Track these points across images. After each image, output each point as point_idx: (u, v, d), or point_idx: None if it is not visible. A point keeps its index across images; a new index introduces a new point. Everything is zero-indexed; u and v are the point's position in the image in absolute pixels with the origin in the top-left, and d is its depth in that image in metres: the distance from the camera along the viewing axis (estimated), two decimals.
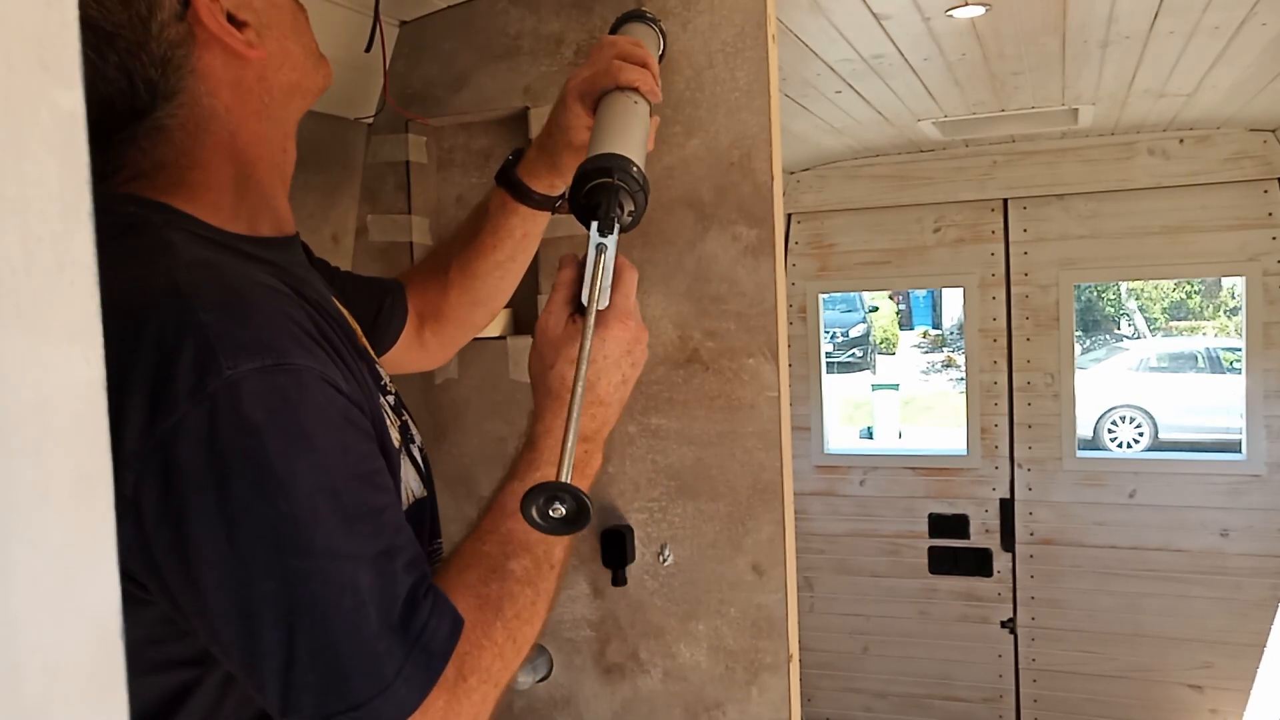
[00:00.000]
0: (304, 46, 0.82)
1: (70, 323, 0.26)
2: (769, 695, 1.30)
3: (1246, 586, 3.01)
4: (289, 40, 0.79)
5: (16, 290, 0.25)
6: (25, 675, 0.25)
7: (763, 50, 1.26)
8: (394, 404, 0.83)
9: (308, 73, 0.82)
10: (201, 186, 0.73)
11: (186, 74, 0.72)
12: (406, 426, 0.83)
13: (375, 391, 0.75)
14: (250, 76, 0.75)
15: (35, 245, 0.25)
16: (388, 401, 0.81)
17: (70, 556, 0.26)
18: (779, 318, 1.28)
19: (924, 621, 3.39)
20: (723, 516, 1.32)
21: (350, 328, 0.82)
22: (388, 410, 0.78)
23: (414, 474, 0.80)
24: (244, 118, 0.75)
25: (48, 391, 0.26)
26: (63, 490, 0.26)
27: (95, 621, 0.27)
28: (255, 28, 0.75)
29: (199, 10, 0.71)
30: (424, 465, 0.85)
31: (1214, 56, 2.08)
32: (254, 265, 0.71)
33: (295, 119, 0.83)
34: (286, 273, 0.74)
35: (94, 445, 0.27)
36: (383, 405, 0.76)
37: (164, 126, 0.72)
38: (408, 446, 0.80)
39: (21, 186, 0.25)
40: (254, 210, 0.77)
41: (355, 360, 0.73)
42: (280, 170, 0.81)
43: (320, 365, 0.64)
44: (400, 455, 0.76)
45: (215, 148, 0.74)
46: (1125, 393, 10.83)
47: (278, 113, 0.79)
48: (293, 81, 0.80)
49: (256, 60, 0.75)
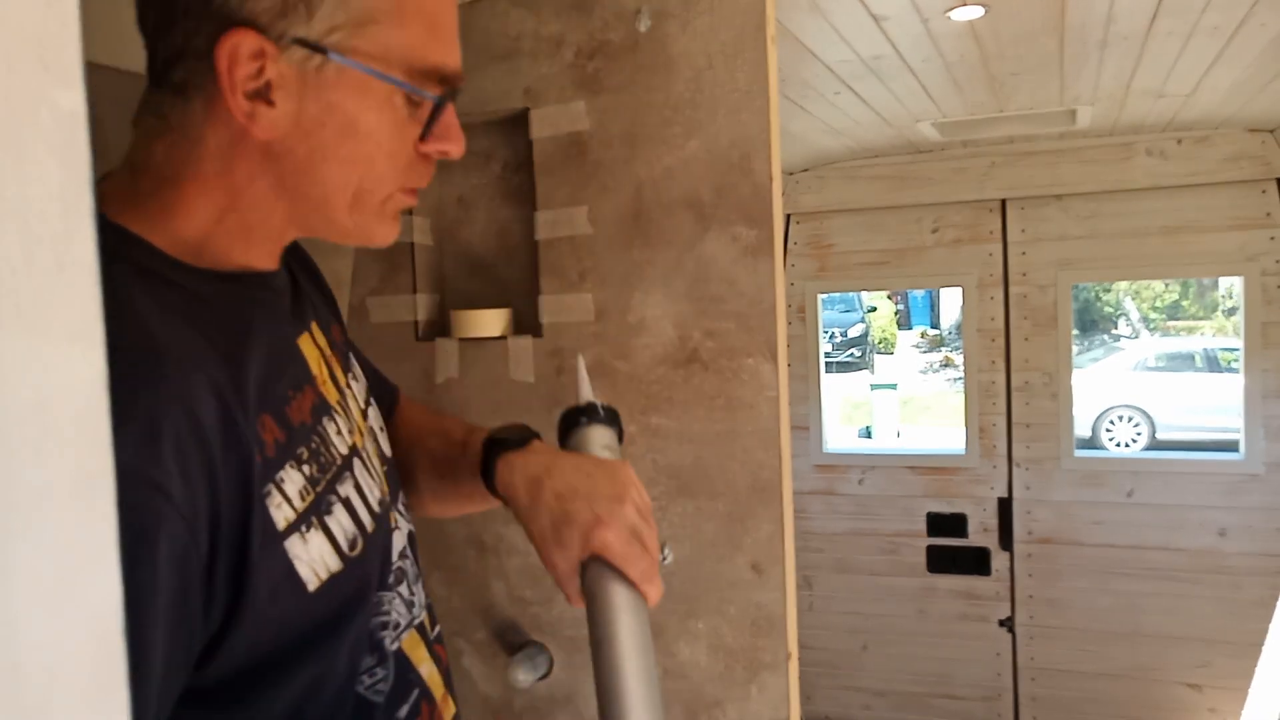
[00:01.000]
0: (345, 182, 0.68)
1: (70, 323, 0.26)
2: (768, 694, 1.30)
3: (1245, 586, 3.02)
4: (326, 160, 0.67)
5: (16, 290, 0.25)
6: (25, 675, 0.25)
7: (762, 51, 1.26)
8: (327, 468, 0.72)
9: (330, 206, 0.69)
10: (170, 210, 0.66)
11: (193, 88, 0.64)
12: (326, 494, 0.71)
13: (276, 465, 0.66)
14: (256, 146, 0.66)
15: (35, 245, 0.25)
16: (326, 460, 0.72)
17: (70, 556, 0.26)
18: (778, 318, 1.28)
19: (922, 620, 3.40)
20: (722, 515, 1.32)
21: (306, 372, 0.74)
22: (294, 483, 0.67)
23: (326, 546, 0.69)
24: (239, 171, 0.67)
25: (48, 391, 0.26)
26: (63, 490, 0.26)
27: (95, 621, 0.27)
28: (283, 116, 0.64)
29: (220, 47, 0.61)
30: (366, 525, 0.75)
31: (1213, 57, 2.09)
32: (175, 314, 0.63)
33: (302, 222, 0.71)
34: (228, 311, 0.67)
35: (94, 445, 0.27)
36: (280, 481, 0.66)
37: (165, 116, 0.66)
38: (322, 515, 0.69)
39: (21, 186, 0.25)
40: (226, 248, 0.69)
41: (251, 422, 0.63)
42: (276, 229, 0.71)
43: (142, 463, 0.54)
44: (299, 533, 0.66)
45: (200, 177, 0.66)
46: (1123, 392, 10.84)
47: (279, 201, 0.69)
48: (313, 194, 0.68)
49: (260, 137, 0.65)
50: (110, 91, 0.95)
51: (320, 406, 0.74)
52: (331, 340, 0.84)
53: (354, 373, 0.87)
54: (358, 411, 0.82)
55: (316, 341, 0.79)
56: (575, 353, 1.40)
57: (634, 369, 1.35)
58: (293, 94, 0.64)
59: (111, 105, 0.95)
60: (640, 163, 1.33)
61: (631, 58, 1.32)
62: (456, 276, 1.54)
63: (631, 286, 1.35)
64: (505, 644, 1.48)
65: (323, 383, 0.77)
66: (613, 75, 1.33)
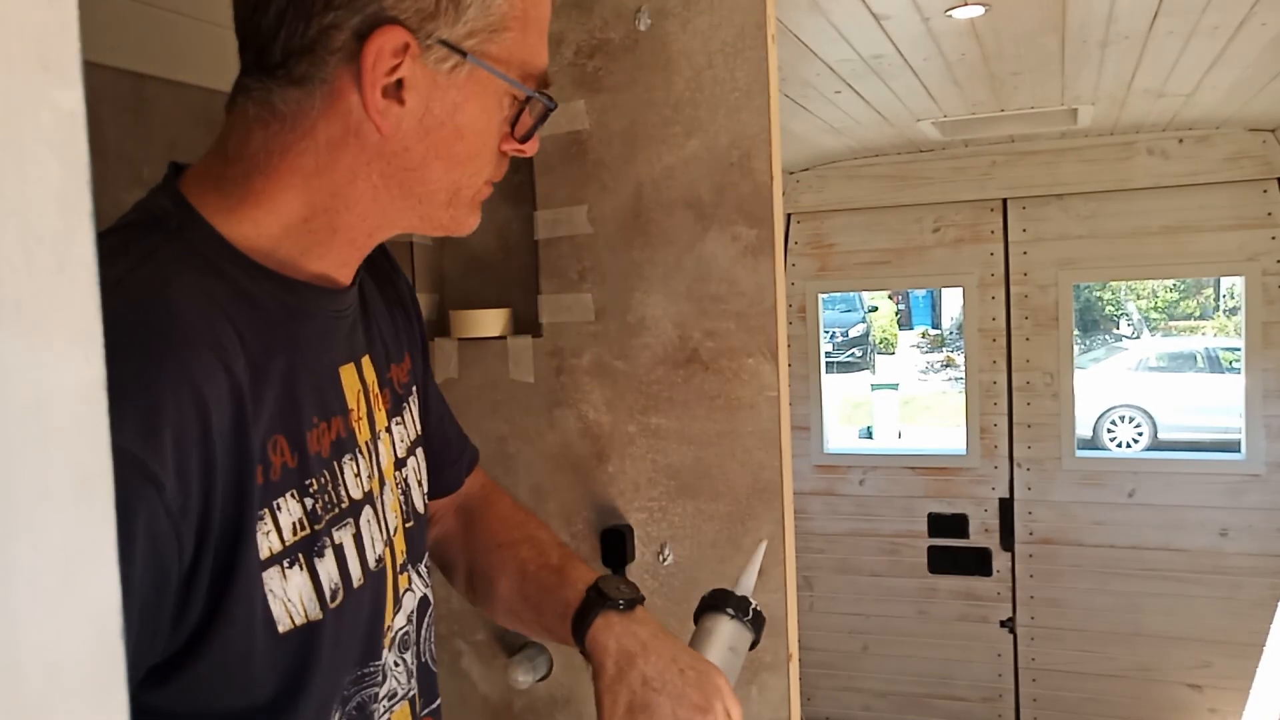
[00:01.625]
0: (450, 179, 0.69)
1: (70, 323, 0.26)
2: (769, 694, 1.30)
3: (1246, 586, 3.02)
4: (438, 158, 0.67)
5: (17, 290, 0.25)
6: (25, 675, 0.25)
7: (762, 50, 1.26)
8: (331, 507, 0.69)
9: (432, 202, 0.70)
10: (256, 199, 0.65)
11: (318, 80, 0.63)
12: (321, 535, 0.67)
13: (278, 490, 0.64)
14: (370, 142, 0.65)
15: (35, 245, 0.25)
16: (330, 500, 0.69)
17: (70, 556, 0.26)
18: (778, 317, 1.28)
19: (923, 621, 3.40)
20: (722, 516, 1.32)
21: (340, 403, 0.72)
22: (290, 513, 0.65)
23: (309, 589, 0.66)
24: (341, 167, 0.66)
25: (48, 391, 0.26)
26: (63, 490, 0.26)
27: (95, 621, 0.27)
28: (409, 114, 0.65)
29: (370, 42, 0.61)
30: (353, 579, 0.71)
31: (1213, 57, 2.08)
32: (215, 306, 0.62)
33: (397, 219, 0.71)
34: (274, 317, 0.66)
35: (94, 445, 0.27)
36: (277, 508, 0.64)
37: (272, 105, 0.64)
38: (311, 556, 0.66)
39: (21, 186, 0.25)
40: (302, 251, 0.68)
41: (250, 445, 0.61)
42: (362, 234, 0.71)
43: (138, 448, 0.53)
44: (280, 567, 0.63)
45: (299, 170, 0.65)
46: (1124, 392, 10.84)
47: (380, 196, 0.68)
48: (401, 194, 0.68)
49: (376, 133, 0.65)
50: (110, 91, 0.95)
51: (344, 443, 0.71)
52: (384, 378, 0.80)
53: (402, 418, 0.83)
54: (389, 459, 0.79)
55: (363, 374, 0.76)
56: (576, 351, 1.40)
57: (634, 369, 1.35)
58: (422, 94, 0.65)
59: (111, 105, 0.95)
60: (640, 162, 1.33)
61: (631, 57, 1.32)
62: (456, 276, 1.54)
63: (631, 286, 1.35)
64: (505, 645, 1.48)
65: (356, 419, 0.74)
66: (613, 74, 1.33)
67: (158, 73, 0.99)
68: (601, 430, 1.38)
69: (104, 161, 0.94)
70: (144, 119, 0.99)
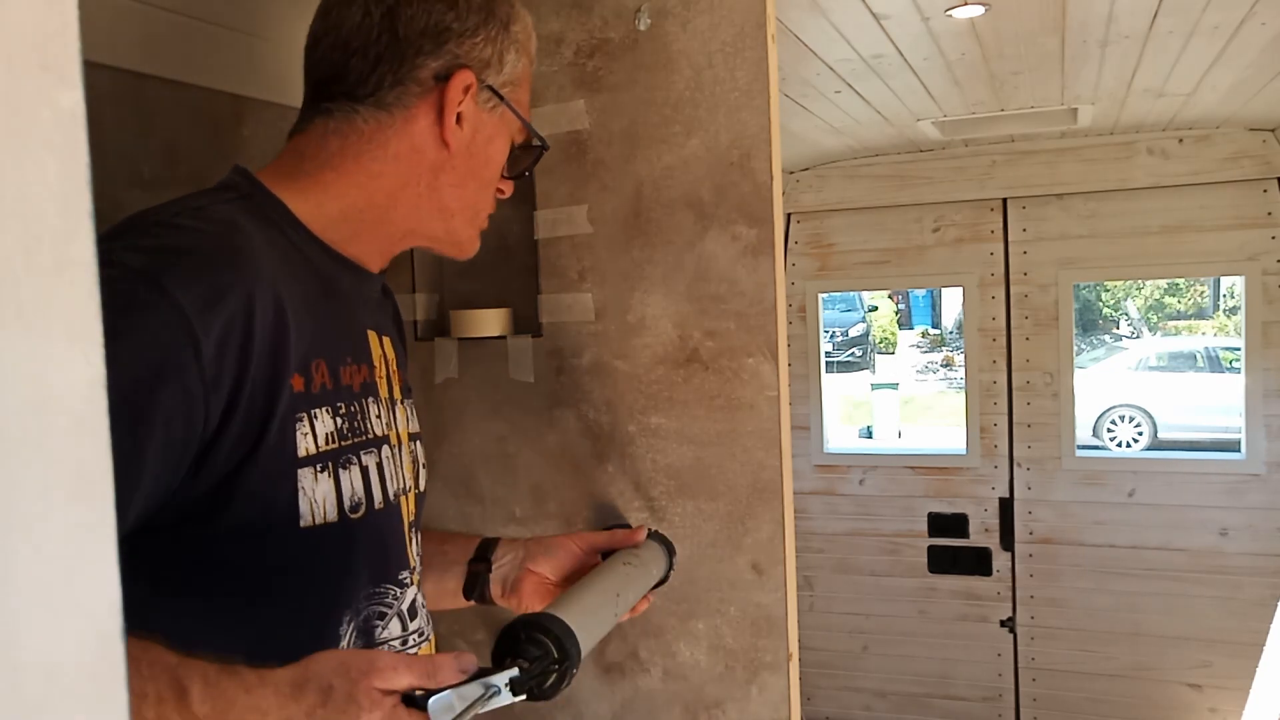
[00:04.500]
0: (475, 199, 0.89)
1: (70, 323, 0.26)
2: (769, 694, 1.30)
3: (1246, 586, 3.01)
4: (473, 178, 0.88)
5: (17, 290, 0.25)
6: (25, 675, 0.25)
7: (762, 50, 1.26)
8: (358, 433, 0.82)
9: (458, 217, 0.89)
10: (324, 186, 0.82)
11: (399, 107, 0.83)
12: (348, 452, 0.80)
13: (315, 402, 0.77)
14: (428, 158, 0.85)
15: (35, 245, 0.25)
16: (357, 427, 0.82)
17: (70, 556, 0.26)
18: (778, 317, 1.28)
19: (923, 620, 3.40)
20: (722, 516, 1.32)
21: (367, 355, 0.87)
22: (324, 425, 0.77)
23: (331, 495, 0.77)
24: (398, 174, 0.84)
25: (48, 391, 0.26)
26: (63, 490, 0.26)
27: (95, 621, 0.27)
28: (464, 140, 0.86)
29: (454, 80, 0.83)
30: (375, 499, 0.83)
31: (1213, 56, 2.08)
32: (275, 250, 0.76)
33: (427, 226, 0.89)
34: (322, 274, 0.82)
35: (94, 445, 0.27)
36: (314, 416, 0.76)
37: (354, 122, 0.82)
38: (338, 466, 0.78)
39: (21, 186, 0.25)
40: (350, 235, 0.84)
41: (303, 368, 0.76)
42: (396, 234, 0.88)
43: (193, 311, 0.65)
44: (313, 469, 0.76)
45: (365, 171, 0.83)
46: (1124, 392, 10.84)
47: (421, 203, 0.86)
48: (438, 205, 0.87)
49: (441, 151, 0.85)
50: (110, 91, 0.95)
51: (369, 386, 0.85)
52: (399, 363, 0.96)
53: (407, 407, 0.95)
54: (404, 429, 0.92)
55: (384, 347, 0.91)
56: (576, 351, 1.40)
57: (634, 369, 1.35)
58: (471, 124, 0.86)
59: (111, 105, 0.95)
60: (640, 162, 1.33)
61: (631, 56, 1.32)
62: (455, 275, 1.54)
63: (631, 286, 1.35)
64: None
65: (379, 376, 0.88)
66: (612, 74, 1.33)
67: (158, 73, 0.99)
68: (601, 430, 1.38)
69: (104, 161, 0.94)
70: (144, 119, 0.99)
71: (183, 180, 1.03)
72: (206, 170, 1.07)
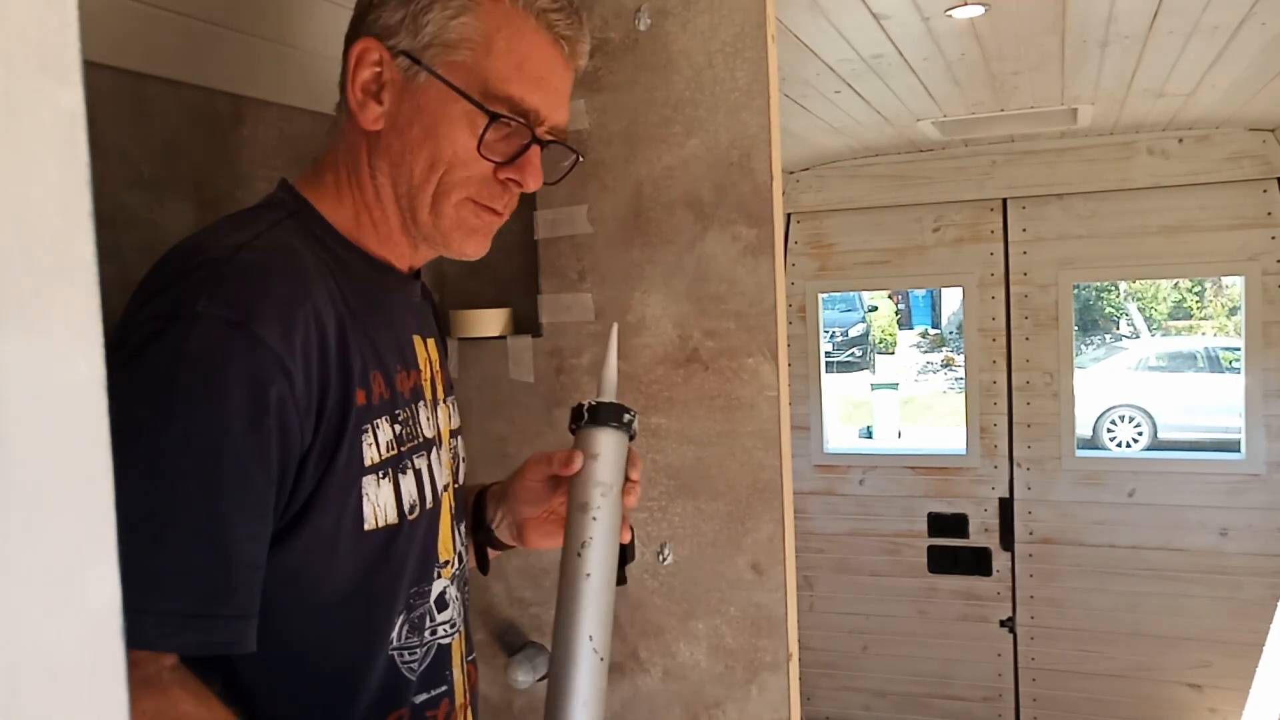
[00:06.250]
0: (431, 178, 0.82)
1: (70, 323, 0.26)
2: (768, 694, 1.30)
3: (1245, 586, 3.02)
4: (414, 155, 0.82)
5: (17, 290, 0.25)
6: (25, 675, 0.25)
7: (762, 50, 1.26)
8: (412, 438, 0.85)
9: (417, 203, 0.83)
10: (336, 193, 0.84)
11: (344, 99, 0.83)
12: (405, 457, 0.83)
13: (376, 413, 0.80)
14: (365, 141, 0.83)
15: (35, 245, 0.25)
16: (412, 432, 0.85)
17: (70, 556, 0.26)
18: (778, 317, 1.28)
19: (923, 621, 3.40)
20: (722, 516, 1.32)
21: (414, 361, 0.88)
22: (385, 433, 0.80)
23: (391, 499, 0.81)
24: (361, 162, 0.83)
25: (48, 391, 0.26)
26: (63, 490, 0.26)
27: (95, 621, 0.27)
28: (386, 113, 0.82)
29: (350, 52, 0.81)
30: (428, 500, 0.86)
31: (1213, 56, 2.08)
32: (323, 264, 0.79)
33: (410, 219, 0.85)
34: (364, 283, 0.83)
35: (94, 445, 0.27)
36: (376, 426, 0.79)
37: (337, 120, 0.86)
38: (397, 471, 0.82)
39: (21, 186, 0.25)
40: (367, 237, 0.85)
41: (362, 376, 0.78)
42: (396, 231, 0.86)
43: (283, 349, 0.69)
44: (376, 475, 0.79)
45: (347, 167, 0.84)
46: (1124, 392, 10.83)
47: (384, 193, 0.84)
48: (403, 188, 0.83)
49: (370, 133, 0.82)
50: (110, 91, 0.95)
51: (419, 391, 0.88)
52: (442, 363, 0.97)
53: (449, 405, 0.97)
54: (446, 427, 0.94)
55: (429, 349, 0.93)
56: (576, 350, 1.40)
57: (634, 369, 1.35)
58: (394, 96, 0.81)
59: (112, 105, 0.95)
60: (640, 161, 1.33)
61: (631, 56, 1.32)
62: (456, 276, 1.54)
63: (631, 286, 1.35)
64: (505, 645, 1.48)
65: (425, 379, 0.90)
66: (613, 74, 1.33)
67: (158, 73, 0.99)
68: None
69: (104, 161, 0.94)
70: (144, 119, 0.99)
71: (182, 180, 1.03)
72: (206, 170, 1.07)
